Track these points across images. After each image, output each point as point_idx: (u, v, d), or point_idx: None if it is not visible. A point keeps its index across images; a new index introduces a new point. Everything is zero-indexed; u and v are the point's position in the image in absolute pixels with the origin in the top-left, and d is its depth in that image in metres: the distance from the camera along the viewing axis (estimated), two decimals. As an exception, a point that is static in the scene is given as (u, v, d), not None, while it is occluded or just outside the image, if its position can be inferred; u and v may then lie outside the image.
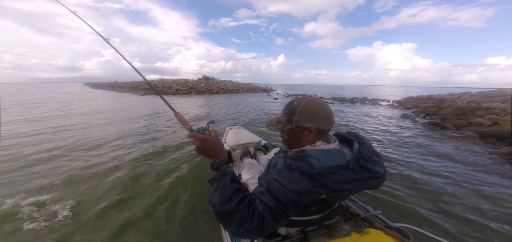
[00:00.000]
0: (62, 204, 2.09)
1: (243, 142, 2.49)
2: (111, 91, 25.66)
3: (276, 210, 0.62)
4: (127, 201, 2.20)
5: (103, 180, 2.63)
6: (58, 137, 4.61)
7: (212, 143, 0.72)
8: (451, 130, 5.67)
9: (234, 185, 0.66)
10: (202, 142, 0.71)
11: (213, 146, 0.72)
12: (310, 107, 0.77)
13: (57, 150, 3.72)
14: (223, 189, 0.65)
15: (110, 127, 5.69)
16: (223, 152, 0.74)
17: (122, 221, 1.88)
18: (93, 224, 1.86)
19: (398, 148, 4.09)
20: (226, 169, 0.71)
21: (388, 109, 10.84)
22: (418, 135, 5.22)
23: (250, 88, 29.84)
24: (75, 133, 5.00)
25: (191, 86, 24.13)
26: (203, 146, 0.71)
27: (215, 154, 0.73)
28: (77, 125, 5.86)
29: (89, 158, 3.34)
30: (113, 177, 2.71)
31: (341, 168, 0.68)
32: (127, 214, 1.98)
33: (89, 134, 4.85)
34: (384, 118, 7.71)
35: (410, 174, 2.84)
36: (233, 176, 0.70)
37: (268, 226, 0.62)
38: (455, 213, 2.01)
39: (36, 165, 3.05)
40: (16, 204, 2.10)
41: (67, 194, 2.30)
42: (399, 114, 8.70)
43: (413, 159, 3.43)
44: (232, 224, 0.61)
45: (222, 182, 0.67)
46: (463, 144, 4.36)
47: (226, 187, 0.65)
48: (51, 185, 2.47)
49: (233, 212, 0.61)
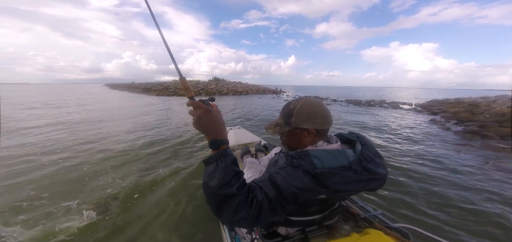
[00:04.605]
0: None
1: (243, 142, 2.48)
2: (127, 92, 26.70)
3: (274, 201, 0.62)
4: (127, 200, 2.19)
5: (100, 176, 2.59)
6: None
7: (214, 116, 0.64)
8: (495, 139, 4.79)
9: (234, 167, 0.62)
10: (204, 112, 0.62)
11: (215, 120, 0.64)
12: (307, 108, 0.77)
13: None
14: (223, 171, 0.59)
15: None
16: (224, 131, 0.66)
17: (121, 220, 1.87)
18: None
19: (435, 163, 3.36)
20: (226, 149, 0.63)
21: (411, 113, 9.80)
22: (455, 145, 4.43)
23: (259, 90, 29.63)
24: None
25: (201, 88, 24.38)
26: (205, 117, 0.62)
27: (216, 129, 0.64)
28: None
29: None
30: (110, 175, 2.67)
31: (343, 169, 0.67)
32: (127, 214, 1.97)
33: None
34: (409, 125, 6.84)
35: (468, 197, 2.25)
36: (234, 158, 0.64)
37: (264, 216, 0.61)
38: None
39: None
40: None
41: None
42: (426, 120, 7.75)
43: (460, 178, 2.77)
44: (229, 210, 0.58)
45: (223, 162, 0.60)
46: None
47: (227, 169, 0.60)
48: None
49: (233, 197, 0.58)
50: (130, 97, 18.54)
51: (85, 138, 4.62)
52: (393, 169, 3.04)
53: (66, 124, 6.18)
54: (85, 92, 25.44)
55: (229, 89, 25.51)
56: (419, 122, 7.39)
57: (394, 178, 2.74)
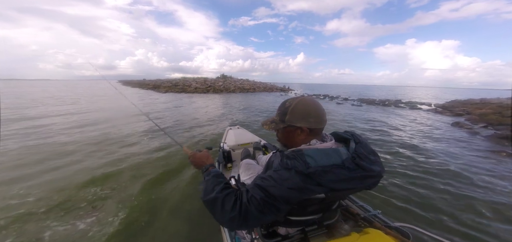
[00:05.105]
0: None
1: (243, 142, 2.48)
2: (138, 89, 27.32)
3: (262, 203, 0.65)
4: (127, 199, 2.19)
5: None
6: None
7: (198, 156, 0.95)
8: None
9: (216, 179, 0.77)
10: (190, 156, 0.98)
11: (199, 157, 0.95)
12: (301, 107, 0.79)
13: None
14: (207, 183, 0.77)
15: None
16: (209, 160, 0.94)
17: (123, 221, 1.87)
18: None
19: (469, 173, 2.87)
20: (210, 170, 0.85)
21: (431, 114, 9.04)
22: (489, 152, 3.87)
23: (266, 87, 29.07)
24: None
25: (209, 85, 24.34)
26: (192, 159, 0.97)
27: (202, 163, 0.92)
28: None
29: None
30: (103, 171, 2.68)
31: (336, 167, 0.67)
32: (127, 213, 1.96)
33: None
34: (430, 128, 6.21)
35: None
36: (217, 172, 0.83)
37: (253, 217, 0.65)
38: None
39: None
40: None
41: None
42: (449, 122, 7.05)
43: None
44: (216, 211, 0.68)
45: (206, 177, 0.81)
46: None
47: (209, 180, 0.78)
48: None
49: (215, 200, 0.69)
50: (140, 94, 18.85)
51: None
52: (418, 179, 2.63)
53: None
54: (102, 88, 26.27)
55: (236, 87, 25.28)
56: (441, 124, 6.72)
57: (424, 192, 2.35)
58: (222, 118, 7.03)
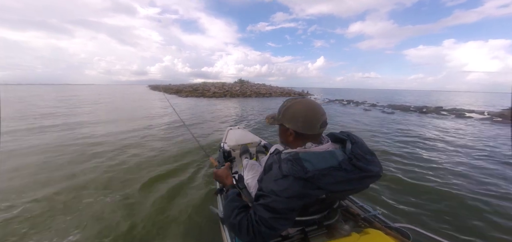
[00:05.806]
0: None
1: (243, 142, 2.49)
2: (163, 94, 28.89)
3: (270, 221, 0.67)
4: (128, 198, 2.24)
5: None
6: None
7: (219, 174, 1.04)
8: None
9: (232, 203, 0.80)
10: (214, 172, 1.08)
11: (220, 175, 1.04)
12: (293, 109, 0.81)
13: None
14: (225, 208, 0.82)
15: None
16: (228, 180, 1.02)
17: (124, 218, 1.91)
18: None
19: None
20: (229, 193, 0.89)
21: (487, 125, 7.29)
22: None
23: (283, 92, 28.15)
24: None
25: (226, 90, 24.54)
26: (214, 176, 1.08)
27: (222, 182, 1.04)
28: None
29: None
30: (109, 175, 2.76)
31: (333, 169, 0.69)
32: (127, 212, 2.01)
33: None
34: (490, 143, 4.86)
35: None
36: (233, 195, 0.86)
37: (267, 235, 0.68)
38: None
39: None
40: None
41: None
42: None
43: None
44: (237, 234, 0.73)
45: (225, 200, 0.86)
46: None
47: (227, 205, 0.81)
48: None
49: (233, 226, 0.74)
50: (162, 98, 19.77)
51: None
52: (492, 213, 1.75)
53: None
54: (138, 92, 28.49)
55: (253, 92, 25.04)
56: (502, 138, 5.24)
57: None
58: (237, 121, 7.37)
